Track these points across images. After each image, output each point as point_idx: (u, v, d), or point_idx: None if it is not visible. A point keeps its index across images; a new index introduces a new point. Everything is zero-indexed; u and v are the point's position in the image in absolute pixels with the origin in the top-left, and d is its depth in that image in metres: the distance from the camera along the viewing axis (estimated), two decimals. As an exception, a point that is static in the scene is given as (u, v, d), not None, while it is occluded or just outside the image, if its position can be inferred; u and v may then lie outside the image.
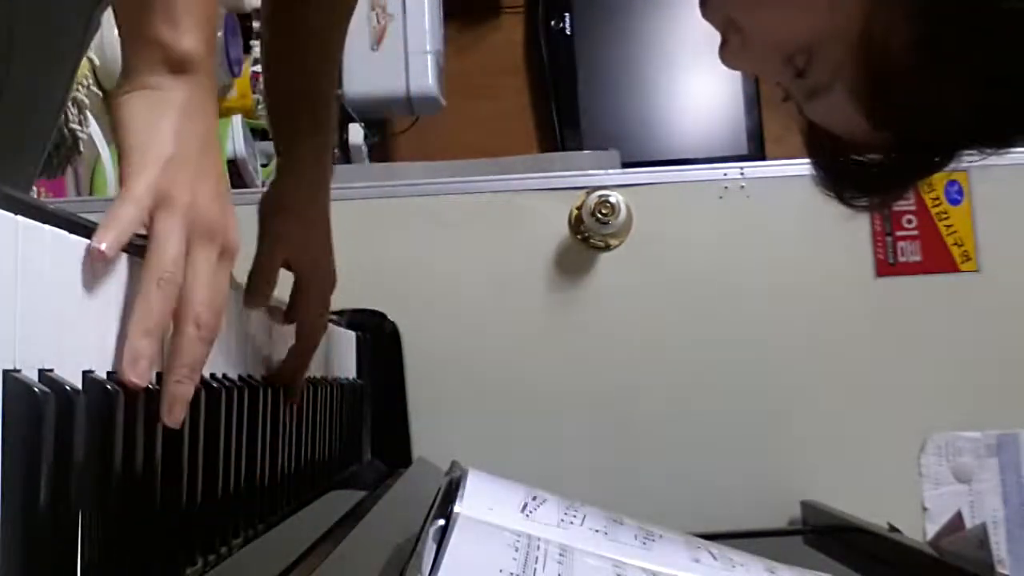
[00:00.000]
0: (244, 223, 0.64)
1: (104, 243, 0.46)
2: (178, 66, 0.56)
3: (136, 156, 0.53)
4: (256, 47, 1.88)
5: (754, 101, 2.73)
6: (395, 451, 1.17)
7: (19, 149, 0.78)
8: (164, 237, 0.51)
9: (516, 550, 0.56)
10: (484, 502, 0.63)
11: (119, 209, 0.50)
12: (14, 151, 0.77)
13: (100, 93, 1.66)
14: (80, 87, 1.46)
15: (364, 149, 2.17)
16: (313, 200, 0.84)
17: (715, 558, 0.67)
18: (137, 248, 0.50)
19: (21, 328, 0.38)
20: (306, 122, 0.85)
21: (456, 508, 0.61)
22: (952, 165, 0.59)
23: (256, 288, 0.73)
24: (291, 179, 0.84)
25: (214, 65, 0.60)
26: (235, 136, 1.72)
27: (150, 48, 0.56)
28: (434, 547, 0.55)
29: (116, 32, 0.59)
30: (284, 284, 0.79)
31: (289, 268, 0.80)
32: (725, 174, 1.30)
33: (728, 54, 0.62)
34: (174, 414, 0.49)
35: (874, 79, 0.53)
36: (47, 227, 0.41)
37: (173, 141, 0.54)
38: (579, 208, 1.24)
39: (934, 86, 0.51)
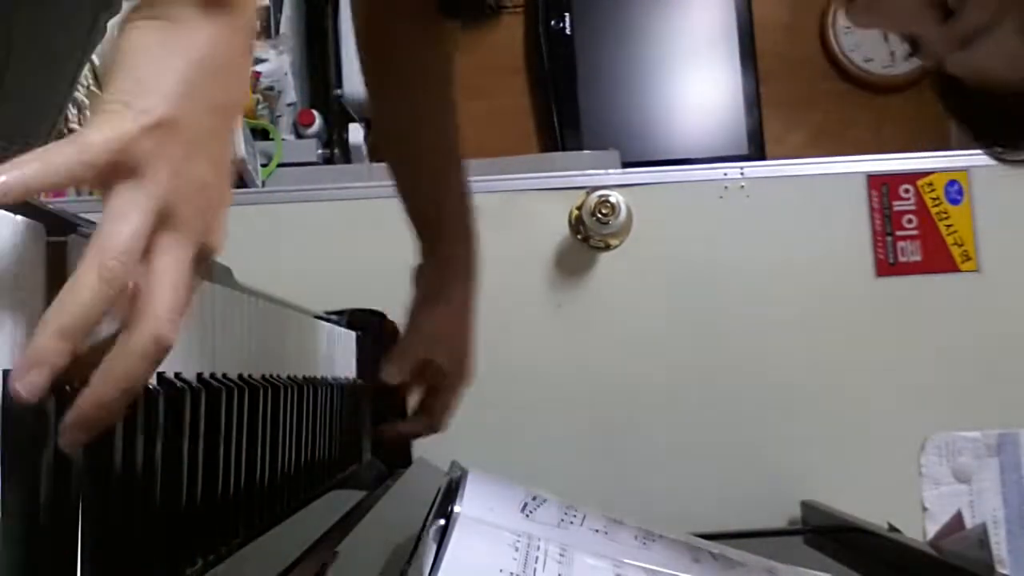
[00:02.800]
0: (244, 223, 0.64)
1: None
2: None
3: (117, 97, 0.41)
4: (256, 47, 1.88)
5: (754, 101, 2.73)
6: (395, 451, 1.17)
7: (24, 138, 0.78)
8: (121, 213, 0.39)
9: (516, 550, 0.56)
10: (484, 502, 0.63)
11: (55, 149, 0.38)
12: (19, 139, 0.77)
13: (100, 93, 1.65)
14: (80, 87, 1.46)
15: (364, 149, 2.17)
16: (467, 293, 0.88)
17: (715, 558, 0.67)
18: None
19: (21, 328, 0.38)
20: (462, 231, 0.90)
21: (456, 508, 0.61)
22: None
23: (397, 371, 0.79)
24: (447, 273, 0.87)
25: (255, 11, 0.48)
26: (235, 136, 1.72)
27: None
28: (434, 547, 0.55)
29: (115, 34, 0.57)
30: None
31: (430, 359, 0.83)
32: (725, 174, 1.30)
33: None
34: (70, 436, 0.37)
35: None
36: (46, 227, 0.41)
37: (174, 93, 0.41)
38: (579, 208, 1.24)
39: None
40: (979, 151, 0.56)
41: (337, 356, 0.99)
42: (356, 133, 2.17)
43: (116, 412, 0.39)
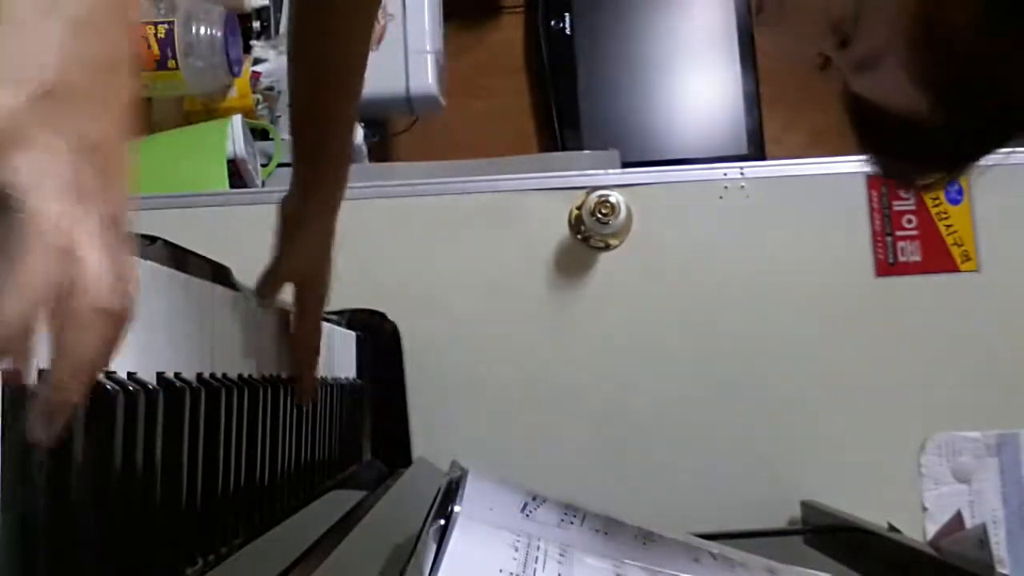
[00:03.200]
0: (244, 223, 0.64)
1: None
2: None
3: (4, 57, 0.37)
4: (256, 47, 1.88)
5: (754, 101, 2.73)
6: (395, 451, 1.17)
7: None
8: (37, 183, 0.36)
9: (516, 550, 0.56)
10: (484, 502, 0.63)
11: None
12: None
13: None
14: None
15: (364, 149, 2.17)
16: (332, 218, 0.88)
17: (715, 558, 0.67)
18: None
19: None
20: (335, 147, 0.88)
21: (456, 508, 0.61)
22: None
23: (268, 292, 0.80)
24: (317, 198, 0.87)
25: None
26: (235, 136, 1.72)
27: None
28: (434, 547, 0.55)
29: None
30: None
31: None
32: (725, 174, 1.30)
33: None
34: (36, 429, 0.36)
35: (935, 53, 0.45)
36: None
37: (56, 57, 0.38)
38: (579, 208, 1.24)
39: (1006, 63, 0.45)
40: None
41: (337, 356, 0.99)
42: (356, 133, 2.17)
43: (76, 395, 0.36)
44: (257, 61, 1.90)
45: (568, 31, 2.75)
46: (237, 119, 1.76)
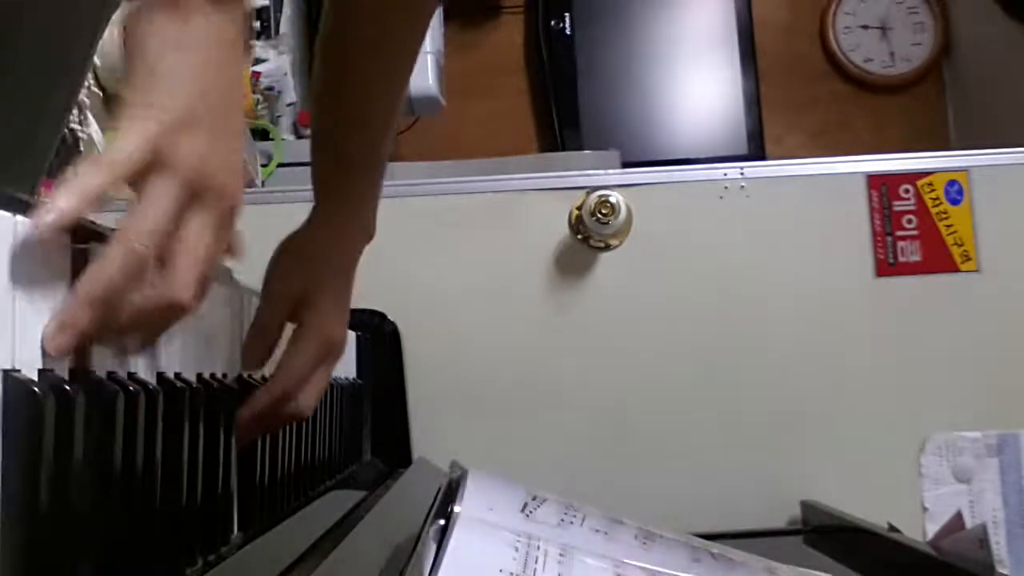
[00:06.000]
0: (244, 223, 0.64)
1: (53, 215, 0.40)
2: None
3: (141, 98, 0.45)
4: (256, 47, 1.88)
5: (754, 101, 2.73)
6: (395, 451, 1.17)
7: (31, 140, 0.77)
8: (150, 202, 0.44)
9: (516, 550, 0.56)
10: (484, 502, 0.63)
11: (93, 171, 0.43)
12: (26, 141, 0.76)
13: (100, 93, 1.65)
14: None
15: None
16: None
17: (715, 558, 0.67)
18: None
19: (21, 328, 0.38)
20: (367, 185, 0.78)
21: (456, 508, 0.61)
22: None
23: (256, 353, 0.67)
24: (330, 230, 0.75)
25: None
26: (243, 122, 1.72)
27: None
28: (434, 547, 0.55)
29: (115, 33, 0.56)
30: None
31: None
32: (725, 174, 1.30)
33: None
34: (56, 340, 0.40)
35: None
36: (47, 227, 0.41)
37: (190, 89, 0.46)
38: (579, 208, 1.24)
39: None
40: (979, 151, 0.57)
41: (337, 356, 0.99)
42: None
43: (122, 340, 0.44)
44: (257, 61, 1.90)
45: (568, 31, 2.75)
46: (237, 119, 1.76)
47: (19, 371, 0.38)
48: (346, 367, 1.05)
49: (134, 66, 0.46)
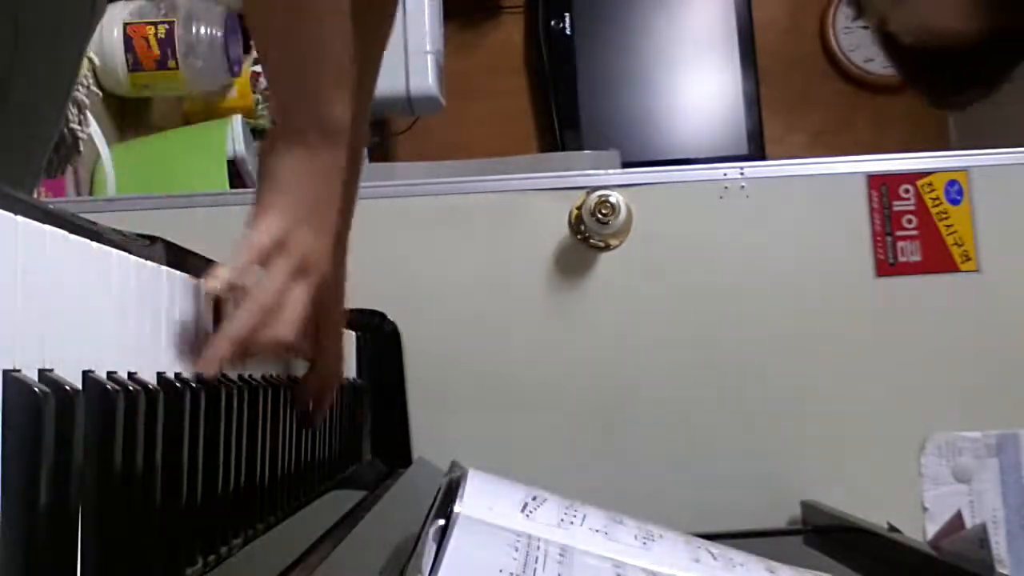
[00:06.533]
0: (244, 223, 0.65)
1: (215, 282, 0.57)
2: (331, 132, 0.64)
3: (274, 202, 0.63)
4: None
5: (754, 101, 2.73)
6: (395, 451, 1.17)
7: (30, 139, 0.78)
8: (273, 275, 0.62)
9: (516, 550, 0.56)
10: (484, 502, 0.63)
11: (242, 254, 0.61)
12: (24, 141, 0.77)
13: (100, 93, 1.65)
14: (80, 87, 1.46)
15: (364, 149, 2.17)
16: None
17: (715, 558, 0.67)
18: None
19: (21, 328, 0.38)
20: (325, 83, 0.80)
21: (456, 508, 0.61)
22: None
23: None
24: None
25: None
26: (235, 136, 1.72)
27: (310, 111, 0.64)
28: (434, 547, 0.55)
29: (116, 33, 0.58)
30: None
31: None
32: (725, 174, 1.30)
33: None
34: (211, 368, 0.57)
35: None
36: (47, 227, 0.41)
37: (307, 201, 0.64)
38: (579, 208, 1.24)
39: None
40: (979, 151, 0.59)
41: (337, 356, 0.99)
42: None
43: (223, 352, 0.58)
44: (258, 61, 1.90)
45: (568, 31, 2.76)
46: (237, 119, 1.77)
47: (19, 371, 0.38)
48: (346, 367, 1.05)
49: (267, 184, 0.64)
